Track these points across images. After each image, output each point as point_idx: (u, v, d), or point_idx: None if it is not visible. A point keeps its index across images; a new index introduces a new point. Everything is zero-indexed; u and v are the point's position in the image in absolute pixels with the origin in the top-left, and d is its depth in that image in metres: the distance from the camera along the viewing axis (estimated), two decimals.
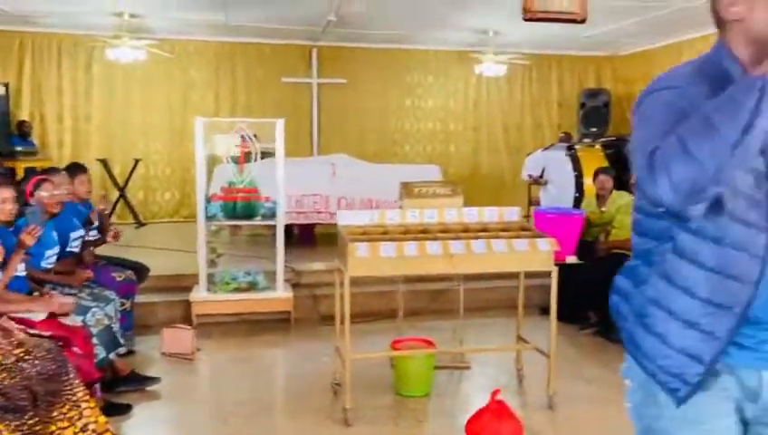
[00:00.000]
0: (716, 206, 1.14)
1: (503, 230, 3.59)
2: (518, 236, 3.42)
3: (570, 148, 7.27)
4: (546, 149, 7.97)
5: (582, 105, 9.55)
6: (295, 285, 5.34)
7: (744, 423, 1.28)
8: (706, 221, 1.17)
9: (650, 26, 7.75)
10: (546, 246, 3.32)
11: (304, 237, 7.13)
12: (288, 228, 7.27)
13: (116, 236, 4.33)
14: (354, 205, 6.54)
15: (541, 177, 7.75)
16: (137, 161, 8.53)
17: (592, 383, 3.87)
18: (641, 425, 1.36)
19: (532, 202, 8.22)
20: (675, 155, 1.06)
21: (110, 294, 3.81)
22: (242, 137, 4.63)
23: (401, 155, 9.80)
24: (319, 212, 6.62)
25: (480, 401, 3.17)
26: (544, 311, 5.23)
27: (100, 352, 3.39)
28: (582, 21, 4.15)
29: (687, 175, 1.05)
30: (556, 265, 3.38)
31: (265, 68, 9.21)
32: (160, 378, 3.77)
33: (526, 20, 4.10)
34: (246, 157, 4.80)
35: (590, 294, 4.40)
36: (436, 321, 5.00)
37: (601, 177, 5.33)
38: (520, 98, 10.17)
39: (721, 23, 1.23)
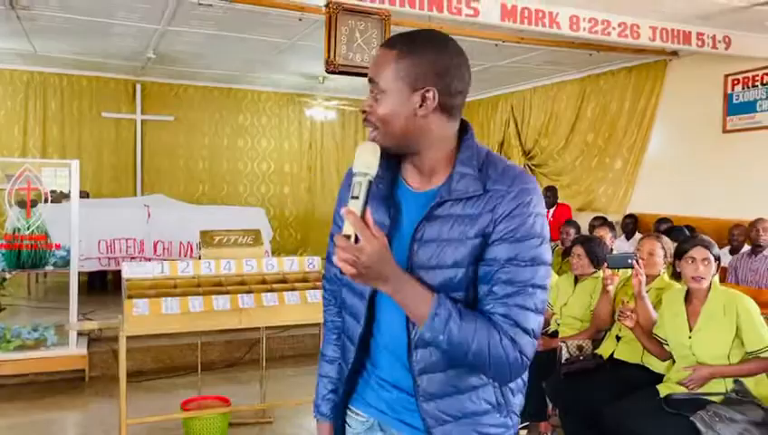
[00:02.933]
0: None
1: (302, 280, 3.57)
2: (315, 287, 3.41)
3: None
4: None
5: None
6: (96, 339, 4.92)
7: None
8: None
9: None
10: None
11: (119, 284, 6.65)
12: (101, 274, 6.80)
13: None
14: (172, 249, 6.25)
15: None
16: None
17: None
18: None
19: None
20: None
21: None
22: (27, 179, 4.23)
23: (234, 196, 9.58)
24: (132, 257, 6.22)
25: None
26: None
27: None
28: None
29: None
30: None
31: (83, 102, 8.61)
32: None
33: (329, 72, 4.21)
34: (33, 201, 4.39)
35: None
36: (251, 371, 4.85)
37: None
38: (353, 142, 10.42)
39: None
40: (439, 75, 1.17)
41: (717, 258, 2.91)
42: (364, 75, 4.39)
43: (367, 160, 1.13)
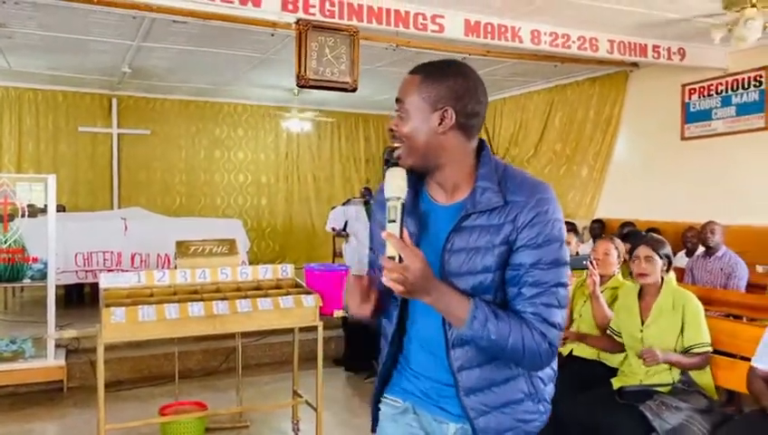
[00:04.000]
0: None
1: (275, 288, 3.70)
2: (287, 294, 3.54)
3: (366, 203, 7.67)
4: (345, 203, 8.32)
5: (387, 161, 10.10)
6: (74, 351, 4.99)
7: None
8: None
9: None
10: (311, 301, 3.47)
11: (96, 297, 6.70)
12: (78, 288, 6.85)
13: None
14: (149, 261, 6.33)
15: (344, 229, 8.05)
16: None
17: (366, 431, 4.04)
18: None
19: (337, 253, 8.49)
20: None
21: None
22: (4, 194, 4.31)
23: (211, 207, 9.66)
24: (110, 270, 6.28)
25: None
26: (337, 362, 5.42)
27: None
28: (353, 90, 4.50)
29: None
30: (323, 318, 3.54)
31: (59, 116, 8.65)
32: None
33: (300, 86, 4.36)
34: (11, 215, 4.47)
35: (374, 344, 4.63)
36: (229, 379, 4.94)
37: None
38: (329, 153, 10.56)
39: None
40: (457, 98, 1.33)
41: (666, 256, 3.10)
42: (335, 89, 4.59)
43: (398, 185, 1.29)
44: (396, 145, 1.37)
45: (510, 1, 4.63)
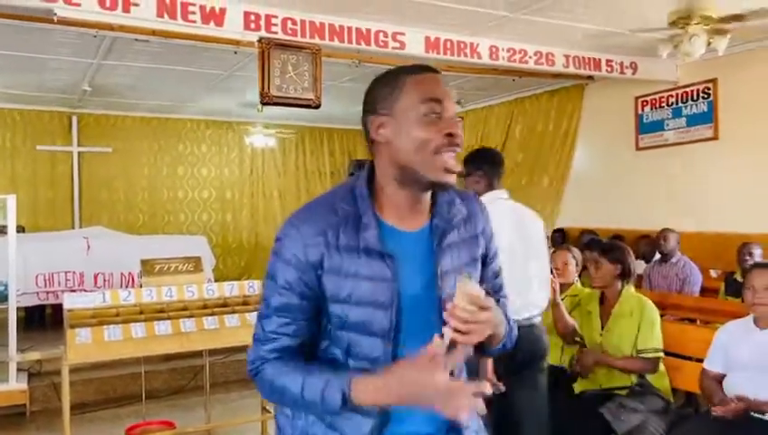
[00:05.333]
0: None
1: (242, 304, 3.72)
2: (255, 310, 3.55)
3: None
4: None
5: (352, 175, 10.16)
6: (36, 374, 4.90)
7: None
8: None
9: None
10: None
11: (58, 319, 6.58)
12: (39, 309, 6.72)
13: None
14: (113, 281, 6.24)
15: None
16: None
17: None
18: None
19: None
20: (271, 396, 1.29)
21: None
22: None
23: (175, 224, 9.56)
24: (72, 290, 6.18)
25: None
26: None
27: None
28: (317, 106, 4.56)
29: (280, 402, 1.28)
30: None
31: (16, 135, 8.48)
32: None
33: (264, 103, 4.40)
34: None
35: None
36: (196, 397, 4.91)
37: None
38: (294, 168, 10.57)
39: (370, 142, 1.29)
40: None
41: (618, 261, 3.24)
42: (298, 106, 4.64)
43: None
44: (455, 152, 1.25)
45: (468, 18, 4.76)
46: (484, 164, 2.84)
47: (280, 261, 1.27)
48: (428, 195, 1.29)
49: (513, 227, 2.67)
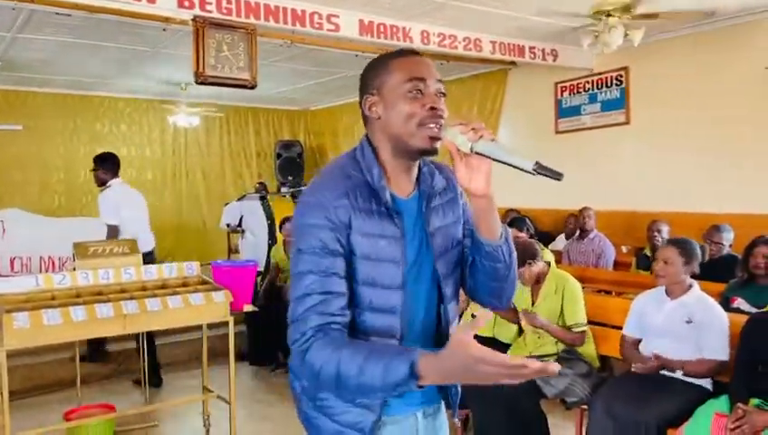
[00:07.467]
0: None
1: (182, 286, 3.70)
2: (195, 291, 3.56)
3: (263, 198, 7.69)
4: (241, 198, 8.28)
5: (279, 156, 10.13)
6: None
7: None
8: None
9: (328, 88, 8.74)
10: (221, 297, 3.52)
11: None
12: None
13: None
14: (31, 265, 5.99)
15: (239, 225, 8.00)
16: None
17: (276, 421, 4.16)
18: None
19: (232, 250, 8.43)
20: (327, 381, 1.23)
21: None
22: None
23: (94, 206, 9.12)
24: None
25: None
26: (241, 357, 5.46)
27: None
28: (253, 87, 4.54)
29: (333, 386, 1.25)
30: (233, 314, 3.60)
31: None
32: None
33: (199, 83, 4.35)
34: None
35: (278, 336, 4.72)
36: (128, 382, 4.85)
37: (287, 225, 5.76)
38: (218, 148, 10.38)
39: (365, 119, 1.43)
40: None
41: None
42: (234, 86, 4.62)
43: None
44: (439, 123, 1.36)
45: (402, 3, 4.87)
46: None
47: (310, 231, 1.32)
48: (416, 165, 1.44)
49: None
